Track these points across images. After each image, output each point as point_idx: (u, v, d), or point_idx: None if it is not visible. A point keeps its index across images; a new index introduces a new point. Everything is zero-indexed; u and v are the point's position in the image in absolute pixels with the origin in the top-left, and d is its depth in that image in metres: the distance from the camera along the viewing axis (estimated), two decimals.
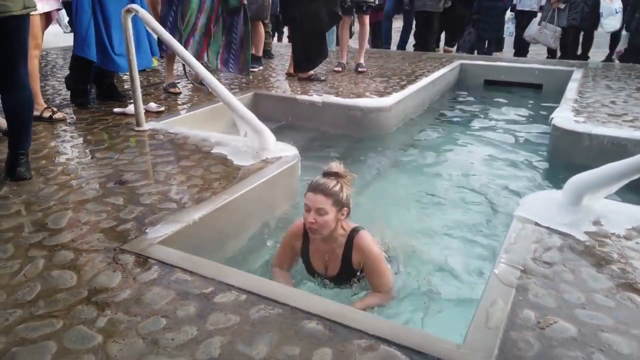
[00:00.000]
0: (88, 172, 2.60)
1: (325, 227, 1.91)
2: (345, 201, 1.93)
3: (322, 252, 2.04)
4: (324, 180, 1.92)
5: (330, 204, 1.88)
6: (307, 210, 1.91)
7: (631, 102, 4.19)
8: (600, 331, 1.40)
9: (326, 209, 1.88)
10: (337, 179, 1.92)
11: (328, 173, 1.94)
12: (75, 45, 3.60)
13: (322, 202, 1.87)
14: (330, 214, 1.89)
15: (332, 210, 1.89)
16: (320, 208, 1.88)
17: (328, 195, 1.88)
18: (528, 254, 1.80)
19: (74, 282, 1.64)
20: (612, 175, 1.99)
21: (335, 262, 2.01)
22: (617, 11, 6.42)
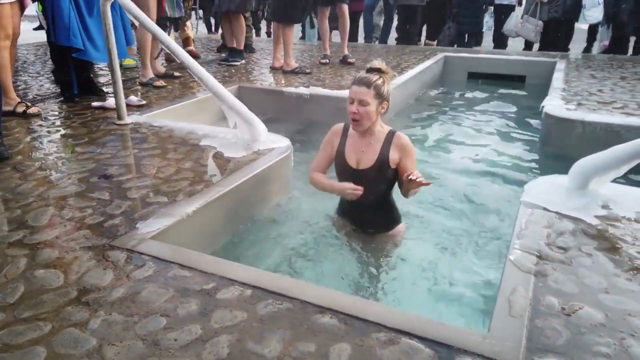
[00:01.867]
0: (69, 167, 2.44)
1: (367, 117, 1.99)
2: (386, 95, 2.01)
3: (359, 146, 2.11)
4: (368, 74, 1.99)
5: (372, 95, 1.96)
6: (351, 102, 2.00)
7: (618, 90, 4.21)
8: (628, 316, 1.34)
9: (368, 100, 1.96)
10: (380, 74, 2.00)
11: (371, 69, 2.01)
12: (59, 35, 3.40)
13: (365, 93, 1.95)
14: (372, 105, 1.97)
15: (373, 102, 1.97)
16: (363, 99, 1.95)
17: (370, 87, 1.95)
18: (541, 239, 1.74)
19: (61, 281, 1.50)
20: (618, 159, 1.94)
21: (371, 155, 2.08)
22: (599, 2, 6.48)
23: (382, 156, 2.07)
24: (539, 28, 7.16)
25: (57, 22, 3.39)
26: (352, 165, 2.12)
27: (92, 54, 3.58)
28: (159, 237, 1.78)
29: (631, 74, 4.99)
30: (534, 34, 7.21)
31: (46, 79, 4.57)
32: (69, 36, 3.38)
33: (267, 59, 5.97)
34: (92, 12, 3.56)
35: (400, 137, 2.09)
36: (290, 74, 5.01)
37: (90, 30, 3.54)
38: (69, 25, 3.36)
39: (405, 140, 2.08)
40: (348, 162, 2.12)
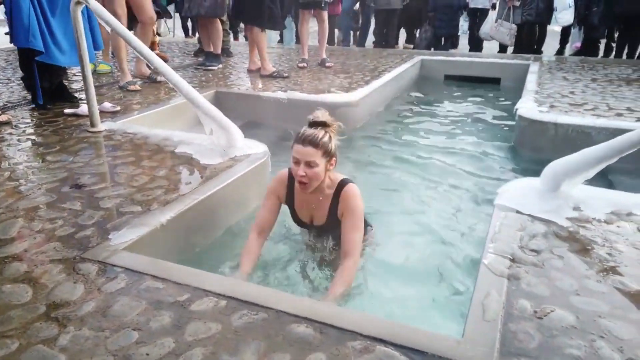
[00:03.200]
0: (39, 177, 2.38)
1: (315, 179, 1.85)
2: (333, 151, 1.86)
3: (308, 202, 1.98)
4: (312, 130, 1.82)
5: (320, 155, 1.82)
6: (296, 163, 1.84)
7: (589, 92, 4.31)
8: (598, 317, 1.36)
9: (316, 161, 1.81)
10: (325, 128, 1.84)
11: (315, 123, 1.85)
12: (17, 36, 3.25)
13: (312, 154, 1.80)
14: (320, 165, 1.83)
15: (321, 161, 1.83)
16: (310, 161, 1.81)
17: (317, 146, 1.80)
18: (514, 242, 1.76)
19: (29, 296, 1.46)
20: (589, 161, 1.98)
21: (322, 212, 1.97)
22: (570, 5, 6.63)
23: (331, 212, 1.95)
24: (512, 31, 7.30)
25: (15, 23, 3.23)
26: (306, 221, 2.03)
27: (57, 57, 3.45)
28: (132, 248, 1.75)
29: (602, 76, 5.12)
30: (508, 37, 7.35)
31: (17, 85, 4.47)
32: (28, 37, 3.23)
33: (244, 63, 5.94)
34: (55, 13, 3.44)
35: (347, 191, 1.90)
36: (268, 78, 5.00)
37: (55, 32, 3.43)
38: (29, 26, 3.22)
39: (349, 193, 1.90)
40: (301, 218, 2.03)
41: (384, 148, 3.83)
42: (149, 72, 4.75)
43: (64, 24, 3.50)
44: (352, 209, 1.89)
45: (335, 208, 1.93)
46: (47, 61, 3.44)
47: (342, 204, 1.91)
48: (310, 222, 2.03)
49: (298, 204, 2.02)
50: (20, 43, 3.27)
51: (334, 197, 1.93)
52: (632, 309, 1.40)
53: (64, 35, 3.49)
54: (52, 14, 3.43)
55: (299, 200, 2.01)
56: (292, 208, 2.05)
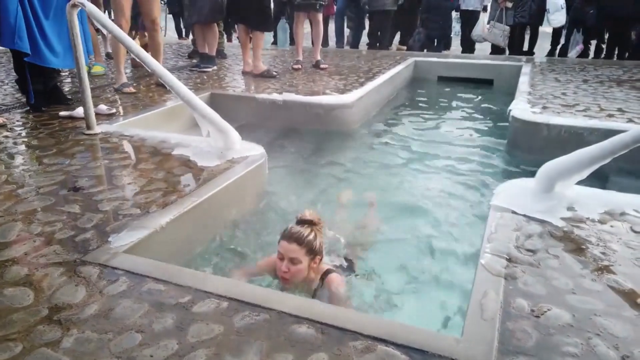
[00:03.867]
0: (36, 180, 2.38)
1: (298, 275, 1.87)
2: (318, 249, 1.90)
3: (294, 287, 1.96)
4: (298, 228, 1.88)
5: (304, 253, 1.86)
6: (281, 259, 1.87)
7: (580, 93, 4.36)
8: (593, 315, 1.39)
9: (299, 258, 1.85)
10: (311, 226, 1.90)
11: (302, 221, 1.92)
12: (4, 36, 3.22)
13: (296, 251, 1.84)
14: (304, 262, 1.86)
15: (305, 259, 1.86)
16: (294, 258, 1.84)
17: (302, 244, 1.85)
18: (511, 242, 1.79)
19: (31, 300, 1.47)
20: (583, 162, 2.02)
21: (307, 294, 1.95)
22: (562, 7, 6.71)
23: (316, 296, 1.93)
24: (506, 32, 7.38)
25: (3, 24, 3.19)
26: None
27: (48, 59, 3.44)
28: (133, 251, 1.76)
29: (593, 77, 5.18)
30: (502, 39, 7.42)
31: (11, 87, 4.45)
32: (14, 39, 3.19)
33: (239, 65, 5.95)
34: (49, 15, 3.42)
35: (331, 283, 1.90)
36: (261, 78, 5.03)
37: (47, 33, 3.42)
38: (15, 27, 3.17)
39: (332, 284, 1.90)
40: None
41: (379, 150, 3.86)
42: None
43: (58, 26, 3.49)
44: (336, 298, 1.87)
45: (319, 296, 1.91)
46: (37, 62, 3.43)
47: (327, 292, 1.90)
48: None
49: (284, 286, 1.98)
50: (7, 44, 3.25)
51: (318, 286, 1.93)
52: (627, 307, 1.43)
53: (57, 37, 3.48)
54: (45, 16, 3.42)
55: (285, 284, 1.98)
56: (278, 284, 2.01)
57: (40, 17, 3.38)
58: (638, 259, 1.69)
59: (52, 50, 3.46)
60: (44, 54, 3.40)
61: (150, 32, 4.60)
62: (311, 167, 3.50)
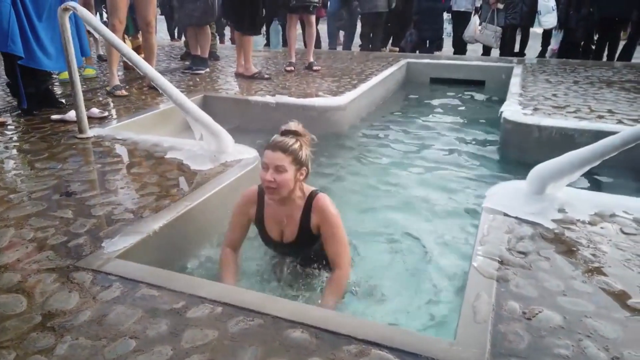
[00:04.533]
0: (28, 185, 2.37)
1: (284, 186, 1.81)
2: (304, 161, 1.84)
3: (279, 216, 1.94)
4: (282, 137, 1.82)
5: (289, 161, 1.79)
6: (265, 169, 1.81)
7: (571, 94, 4.40)
8: (584, 317, 1.41)
9: (285, 167, 1.78)
10: (296, 137, 1.83)
11: (287, 131, 1.84)
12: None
13: (281, 159, 1.78)
14: (289, 172, 1.80)
15: (290, 168, 1.80)
16: (279, 165, 1.78)
17: (287, 152, 1.78)
18: (502, 244, 1.81)
19: (24, 306, 1.46)
20: (574, 164, 2.04)
21: (292, 227, 1.92)
22: (553, 8, 6.78)
23: (303, 226, 1.90)
24: (498, 34, 7.43)
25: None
26: (276, 239, 1.97)
27: (42, 62, 3.43)
28: (126, 256, 1.75)
29: (583, 78, 5.23)
30: (494, 40, 7.48)
31: (2, 91, 4.42)
32: (7, 42, 3.17)
33: (232, 67, 5.95)
34: (42, 17, 3.41)
35: (319, 200, 1.88)
36: (253, 80, 5.05)
37: (41, 36, 3.40)
38: (8, 30, 3.15)
39: (321, 203, 1.87)
40: (271, 236, 1.98)
41: (372, 151, 3.87)
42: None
43: (51, 29, 3.48)
44: (329, 218, 1.86)
45: (307, 221, 1.89)
46: (31, 65, 3.41)
47: (316, 216, 1.88)
48: (280, 239, 1.97)
49: (268, 220, 1.97)
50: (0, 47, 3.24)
51: (305, 209, 1.89)
52: (617, 309, 1.45)
53: (50, 39, 3.47)
54: (38, 18, 3.41)
55: (268, 215, 1.97)
56: (261, 225, 2.00)
57: (33, 19, 3.36)
58: (628, 260, 1.71)
59: (45, 53, 3.44)
60: (37, 57, 3.38)
61: (144, 35, 4.60)
62: None
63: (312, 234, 1.91)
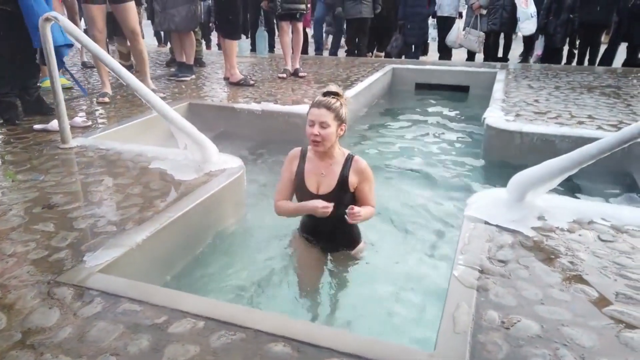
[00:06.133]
0: (9, 197, 2.34)
1: (328, 139, 2.04)
2: (344, 117, 2.08)
3: (318, 168, 2.15)
4: (326, 97, 2.05)
5: (332, 117, 2.02)
6: (311, 125, 2.04)
7: (552, 100, 4.47)
8: (561, 326, 1.44)
9: (328, 122, 2.01)
10: (337, 97, 2.07)
11: (329, 92, 2.07)
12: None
13: (325, 115, 2.01)
14: (332, 127, 2.03)
15: (333, 123, 2.03)
16: (324, 121, 2.01)
17: (330, 109, 2.02)
18: (483, 253, 1.83)
19: (4, 324, 1.45)
20: (552, 171, 2.07)
21: (331, 179, 2.12)
22: (532, 15, 6.89)
23: (341, 180, 2.10)
24: (481, 38, 7.53)
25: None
26: (312, 190, 2.14)
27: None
28: (108, 270, 1.75)
29: (565, 83, 5.32)
30: (477, 44, 7.58)
31: None
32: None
33: (217, 73, 5.95)
34: None
35: (359, 162, 2.14)
36: (240, 87, 5.05)
37: None
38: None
39: (363, 165, 2.13)
40: (308, 188, 2.14)
41: None
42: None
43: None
44: (368, 178, 2.14)
45: (345, 176, 2.11)
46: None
47: (355, 175, 2.12)
48: (317, 190, 2.14)
49: (308, 173, 2.16)
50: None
51: (344, 167, 2.12)
52: (593, 317, 1.48)
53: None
54: None
55: (308, 169, 2.17)
56: (301, 177, 2.17)
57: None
58: (605, 267, 1.75)
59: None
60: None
61: (131, 42, 4.57)
62: None
63: (347, 188, 2.12)
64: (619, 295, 1.58)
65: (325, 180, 2.13)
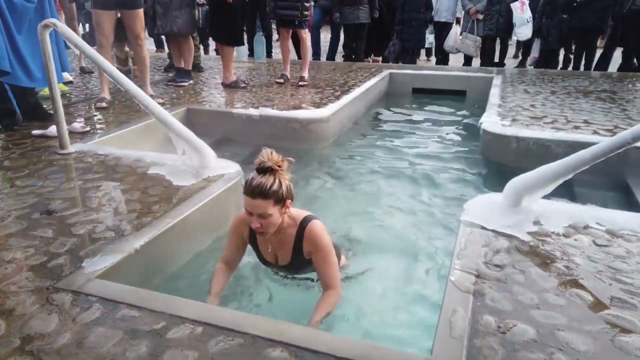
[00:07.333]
0: (8, 203, 2.35)
1: (271, 227, 1.78)
2: (286, 194, 1.76)
3: (271, 242, 1.93)
4: (260, 179, 1.70)
5: (272, 204, 1.72)
6: (249, 214, 1.76)
7: (548, 105, 4.50)
8: (556, 330, 1.45)
9: (268, 212, 1.72)
10: (273, 173, 1.72)
11: (261, 169, 1.72)
12: None
13: (263, 206, 1.71)
14: (274, 214, 1.74)
15: (274, 210, 1.74)
16: (262, 212, 1.72)
17: (267, 196, 1.70)
18: (479, 258, 1.85)
19: (3, 330, 1.45)
20: (548, 176, 2.10)
21: (286, 252, 1.91)
22: (528, 20, 6.94)
23: (295, 252, 1.90)
24: (477, 43, 7.58)
25: None
26: (271, 261, 1.99)
27: (21, 78, 3.41)
28: (106, 276, 1.75)
29: (561, 88, 5.35)
30: (474, 49, 7.62)
31: None
32: None
33: (215, 78, 5.96)
34: (22, 30, 3.39)
35: (312, 229, 1.85)
36: (236, 91, 5.12)
37: (22, 51, 3.38)
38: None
39: (314, 232, 1.85)
40: (266, 259, 2.00)
41: (353, 163, 3.91)
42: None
43: (31, 44, 3.46)
44: (321, 247, 1.85)
45: (299, 247, 1.88)
46: (10, 82, 3.39)
47: (308, 244, 1.87)
48: (275, 261, 1.98)
49: (261, 245, 1.97)
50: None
51: (297, 236, 1.87)
52: (588, 321, 1.49)
53: (31, 55, 3.45)
54: (18, 32, 3.38)
55: (261, 240, 1.95)
56: (256, 247, 2.00)
57: (14, 34, 3.33)
58: (600, 272, 1.76)
59: (25, 69, 3.41)
60: (16, 73, 3.35)
61: (134, 47, 4.60)
62: None
63: (305, 258, 1.92)
64: (614, 300, 1.59)
65: (281, 253, 1.93)
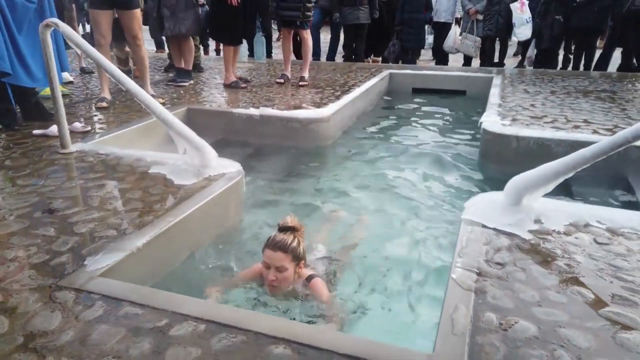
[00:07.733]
0: (9, 202, 2.35)
1: (286, 282, 1.93)
2: (302, 254, 1.97)
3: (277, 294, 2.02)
4: (282, 236, 1.94)
5: (290, 260, 1.91)
6: (267, 267, 1.93)
7: (548, 104, 4.51)
8: (558, 327, 1.46)
9: (286, 266, 1.90)
10: (294, 233, 1.96)
11: (284, 228, 1.98)
12: None
13: (282, 259, 1.90)
14: (290, 269, 1.92)
15: (291, 265, 1.92)
16: (280, 266, 1.90)
17: (287, 252, 1.91)
18: (480, 256, 1.85)
19: (6, 327, 1.46)
20: (549, 175, 2.10)
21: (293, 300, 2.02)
22: (527, 20, 6.96)
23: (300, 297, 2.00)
24: (477, 44, 7.60)
25: None
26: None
27: (23, 78, 3.41)
28: (109, 274, 1.76)
29: (560, 88, 5.36)
30: (474, 50, 7.64)
31: None
32: None
33: (216, 78, 5.97)
34: (22, 30, 3.40)
35: (313, 286, 1.98)
36: (237, 91, 5.13)
37: (22, 51, 3.39)
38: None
39: (315, 289, 1.98)
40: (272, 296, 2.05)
41: (354, 162, 3.92)
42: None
43: (32, 44, 3.47)
44: (317, 297, 1.97)
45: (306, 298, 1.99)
46: (12, 82, 3.40)
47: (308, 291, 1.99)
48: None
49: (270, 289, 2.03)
50: None
51: (303, 290, 2.00)
52: (590, 318, 1.50)
53: (31, 55, 3.46)
54: (18, 32, 3.39)
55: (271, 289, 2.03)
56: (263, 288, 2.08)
57: (15, 34, 3.34)
58: (601, 270, 1.77)
59: (26, 68, 3.42)
60: (18, 73, 3.36)
61: (132, 48, 4.61)
62: (288, 181, 3.53)
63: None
64: (614, 297, 1.60)
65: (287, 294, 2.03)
